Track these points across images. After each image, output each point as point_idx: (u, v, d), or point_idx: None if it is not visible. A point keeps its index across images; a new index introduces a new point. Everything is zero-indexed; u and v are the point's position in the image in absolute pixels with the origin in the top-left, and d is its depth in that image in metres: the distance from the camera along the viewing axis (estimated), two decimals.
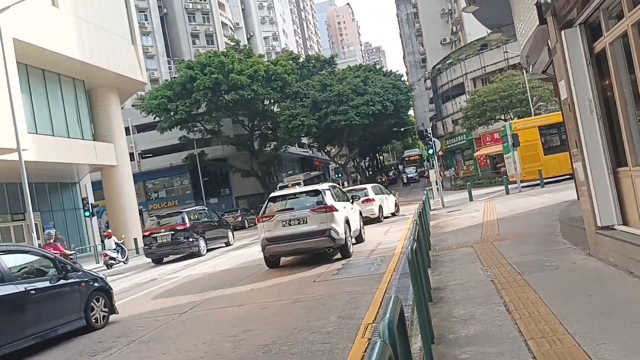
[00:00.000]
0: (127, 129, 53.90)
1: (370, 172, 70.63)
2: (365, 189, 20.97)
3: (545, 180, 23.46)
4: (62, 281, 8.11)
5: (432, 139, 23.37)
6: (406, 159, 72.24)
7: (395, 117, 51.32)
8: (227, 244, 21.74)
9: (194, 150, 49.65)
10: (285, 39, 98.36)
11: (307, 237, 11.39)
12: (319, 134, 47.26)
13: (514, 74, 38.61)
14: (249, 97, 44.46)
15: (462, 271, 7.30)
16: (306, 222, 11.48)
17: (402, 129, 58.78)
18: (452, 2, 60.62)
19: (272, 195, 12.91)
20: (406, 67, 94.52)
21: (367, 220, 18.77)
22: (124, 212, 32.13)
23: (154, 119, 48.07)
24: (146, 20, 66.86)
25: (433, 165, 25.12)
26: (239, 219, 38.15)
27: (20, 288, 7.38)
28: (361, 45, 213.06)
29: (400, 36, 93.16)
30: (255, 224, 15.92)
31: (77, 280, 8.49)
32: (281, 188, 44.71)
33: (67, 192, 32.82)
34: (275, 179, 59.65)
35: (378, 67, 55.33)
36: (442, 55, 57.58)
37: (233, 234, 22.97)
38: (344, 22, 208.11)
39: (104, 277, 9.37)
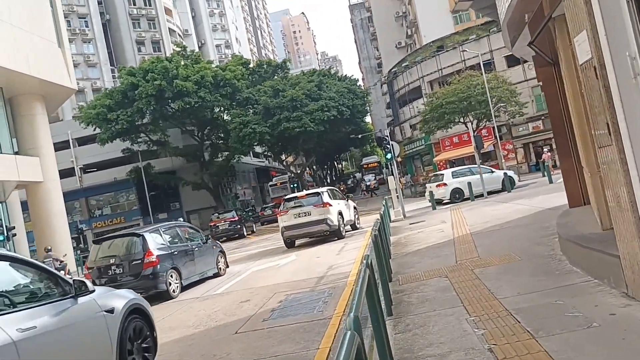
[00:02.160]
0: (67, 142, 50.62)
1: (328, 181, 68.32)
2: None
3: None
4: (205, 244, 13.15)
5: (390, 142, 21.15)
6: (364, 166, 70.36)
7: (352, 123, 49.23)
8: (252, 232, 33.29)
9: (139, 163, 46.24)
10: (238, 47, 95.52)
11: (312, 225, 16.13)
12: (272, 142, 44.69)
13: (472, 75, 37.03)
14: (196, 104, 41.57)
15: (439, 325, 4.90)
16: (310, 214, 16.17)
17: (359, 136, 56.78)
18: (406, 4, 59.18)
19: (286, 197, 18.60)
20: (362, 73, 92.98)
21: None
22: (52, 235, 28.61)
23: (94, 130, 44.49)
24: (87, 27, 62.89)
25: (392, 172, 22.93)
26: None
27: (189, 245, 12.47)
28: (317, 54, 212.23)
29: (355, 42, 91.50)
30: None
31: (212, 244, 13.59)
32: (271, 186, 51.00)
33: None
34: (228, 190, 56.62)
35: (333, 71, 53.26)
36: (398, 59, 55.90)
37: (255, 226, 35.89)
38: (300, 32, 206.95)
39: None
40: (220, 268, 13.36)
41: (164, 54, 60.86)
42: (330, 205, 16.18)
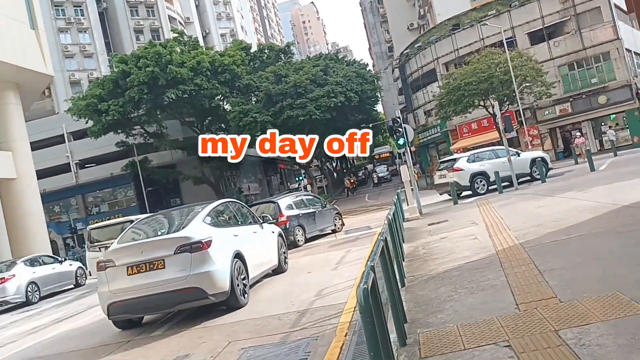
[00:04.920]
0: (62, 137, 47.93)
1: (338, 173, 64.84)
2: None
3: None
4: (325, 208, 17.62)
5: (403, 125, 17.73)
6: (376, 157, 66.89)
7: (362, 110, 45.80)
8: None
9: (135, 157, 43.27)
10: (244, 37, 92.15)
11: None
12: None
13: (493, 52, 33.37)
14: (193, 92, 38.46)
15: None
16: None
17: (370, 125, 53.36)
18: None
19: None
20: (372, 59, 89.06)
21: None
22: (28, 237, 25.81)
23: (86, 122, 41.55)
24: (82, 15, 59.92)
25: (405, 161, 19.58)
26: None
27: (313, 209, 16.76)
28: (327, 44, 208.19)
29: (365, 26, 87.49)
30: None
31: (330, 208, 18.32)
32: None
33: None
34: (232, 184, 53.53)
35: (340, 56, 49.72)
36: (410, 42, 52.14)
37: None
38: (309, 22, 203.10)
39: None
40: (336, 225, 17.45)
41: None
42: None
